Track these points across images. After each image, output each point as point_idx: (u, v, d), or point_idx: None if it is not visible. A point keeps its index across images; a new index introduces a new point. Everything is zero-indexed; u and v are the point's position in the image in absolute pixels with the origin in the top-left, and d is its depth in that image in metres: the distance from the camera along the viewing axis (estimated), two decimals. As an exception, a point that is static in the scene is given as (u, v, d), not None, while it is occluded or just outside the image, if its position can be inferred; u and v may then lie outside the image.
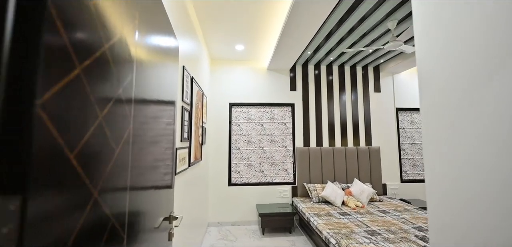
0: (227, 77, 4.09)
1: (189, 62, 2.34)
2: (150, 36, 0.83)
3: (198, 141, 2.80)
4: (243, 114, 4.08)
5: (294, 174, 4.05)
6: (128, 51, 0.64)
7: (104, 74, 0.52)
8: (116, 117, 0.57)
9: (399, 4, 2.42)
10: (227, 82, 4.08)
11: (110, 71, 0.54)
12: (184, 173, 2.12)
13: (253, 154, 4.01)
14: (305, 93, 4.18)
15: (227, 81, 4.08)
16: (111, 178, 0.56)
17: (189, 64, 2.34)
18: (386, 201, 3.68)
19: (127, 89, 0.64)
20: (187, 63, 2.23)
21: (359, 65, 4.29)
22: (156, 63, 0.92)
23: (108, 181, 0.55)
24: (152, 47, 0.87)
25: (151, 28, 0.85)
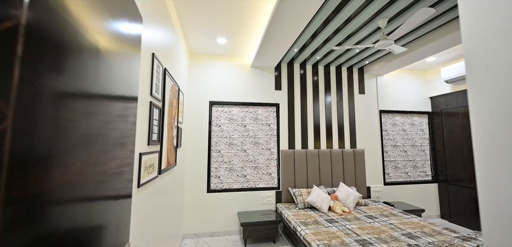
0: (207, 73, 3.74)
1: (162, 52, 1.99)
2: (103, 16, 0.52)
3: (172, 143, 2.43)
4: (224, 114, 3.76)
5: (278, 178, 3.82)
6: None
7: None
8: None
9: (389, 1, 2.30)
10: (208, 79, 3.73)
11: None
12: (152, 183, 1.76)
13: (235, 157, 3.71)
14: (291, 93, 3.99)
15: (207, 78, 3.73)
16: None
17: (162, 54, 1.98)
18: (371, 204, 3.61)
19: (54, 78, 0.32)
20: (159, 52, 1.88)
21: (345, 66, 4.21)
22: (109, 48, 0.61)
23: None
24: (105, 29, 0.56)
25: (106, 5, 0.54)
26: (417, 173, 4.41)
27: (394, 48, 2.69)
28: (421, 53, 3.32)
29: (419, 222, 2.84)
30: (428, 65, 4.29)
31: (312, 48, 3.48)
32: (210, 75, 3.75)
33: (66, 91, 0.51)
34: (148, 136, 1.62)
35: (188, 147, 3.56)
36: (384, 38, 2.49)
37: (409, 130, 4.47)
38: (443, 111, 4.28)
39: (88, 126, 0.58)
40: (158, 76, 1.85)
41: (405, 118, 4.48)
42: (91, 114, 0.59)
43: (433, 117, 4.50)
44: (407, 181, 4.30)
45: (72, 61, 0.53)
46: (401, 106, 4.41)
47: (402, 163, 4.37)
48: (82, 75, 0.58)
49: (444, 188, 4.26)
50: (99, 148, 0.66)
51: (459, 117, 3.98)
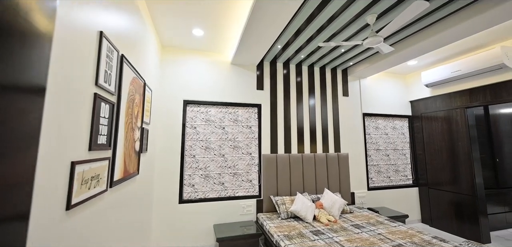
0: (182, 69, 3.35)
1: (119, 35, 1.60)
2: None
3: (133, 147, 2.02)
4: (200, 115, 3.38)
5: (259, 185, 3.52)
6: None
7: None
8: None
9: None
10: (182, 75, 3.34)
11: None
12: (97, 200, 1.36)
13: (212, 163, 3.35)
14: (273, 94, 3.73)
15: (182, 75, 3.34)
16: None
17: (119, 38, 1.60)
18: (356, 212, 3.45)
19: None
20: (112, 33, 1.49)
21: (329, 67, 4.06)
22: None
23: None
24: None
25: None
26: (399, 177, 4.38)
27: (383, 47, 2.54)
28: (405, 55, 3.26)
29: (407, 230, 2.71)
30: (408, 69, 4.30)
31: (296, 47, 3.27)
32: (185, 72, 3.36)
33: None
34: (90, 138, 1.23)
35: (158, 152, 3.12)
36: (373, 35, 2.32)
37: (391, 133, 4.45)
38: (423, 115, 4.31)
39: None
40: (110, 64, 1.46)
41: (387, 122, 4.45)
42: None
43: (413, 121, 4.53)
44: (390, 186, 4.25)
45: None
46: (383, 109, 4.37)
47: (385, 167, 4.31)
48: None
49: (424, 192, 4.26)
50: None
51: (439, 121, 4.02)
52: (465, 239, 3.57)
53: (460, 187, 3.67)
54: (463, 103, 3.66)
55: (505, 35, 2.95)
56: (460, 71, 3.46)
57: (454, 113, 3.76)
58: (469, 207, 3.54)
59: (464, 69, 3.40)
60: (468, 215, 3.55)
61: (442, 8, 2.39)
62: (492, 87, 3.29)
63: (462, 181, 3.64)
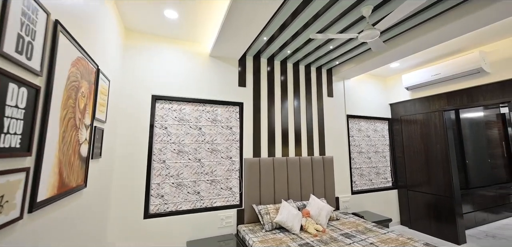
0: (151, 59, 2.84)
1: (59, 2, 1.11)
2: None
3: (77, 152, 1.51)
4: (173, 113, 2.90)
5: (241, 193, 3.14)
6: None
7: None
8: None
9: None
10: (152, 66, 2.83)
11: None
12: (2, 235, 0.87)
13: (186, 169, 2.88)
14: (257, 91, 3.39)
15: (151, 65, 2.83)
16: None
17: (57, 3, 1.11)
18: (343, 218, 3.26)
19: None
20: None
21: (314, 66, 3.86)
22: None
23: None
24: None
25: None
26: (380, 179, 4.36)
27: (376, 43, 2.37)
28: (391, 56, 3.18)
29: (397, 238, 2.56)
30: (389, 72, 4.32)
31: (282, 41, 2.99)
32: (155, 62, 2.85)
33: None
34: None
35: (118, 157, 2.56)
36: (370, 28, 2.12)
37: (373, 135, 4.42)
38: (402, 118, 4.35)
39: None
40: (30, 27, 0.98)
41: (369, 124, 4.41)
42: None
43: (392, 124, 4.56)
44: (372, 189, 4.18)
45: None
46: (365, 111, 4.32)
47: (367, 170, 4.25)
48: None
49: (403, 194, 4.29)
50: None
51: (418, 124, 4.07)
52: (444, 240, 3.61)
53: (438, 188, 3.72)
54: (441, 106, 3.74)
55: (484, 40, 3.03)
56: (439, 74, 3.51)
57: (433, 116, 3.83)
58: (447, 208, 3.60)
59: (444, 73, 3.45)
60: (446, 216, 3.60)
61: (429, 9, 2.30)
62: (469, 91, 3.38)
63: (440, 183, 3.69)
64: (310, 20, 2.51)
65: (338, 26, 2.55)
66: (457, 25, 2.36)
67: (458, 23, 2.32)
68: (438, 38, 2.61)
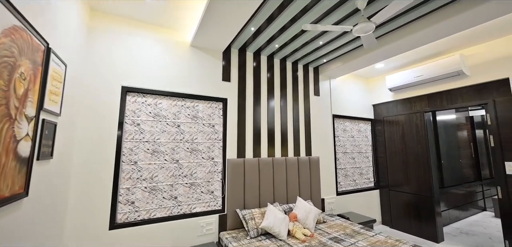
0: (121, 44, 2.47)
1: None
2: None
3: (11, 151, 1.15)
4: (147, 108, 2.56)
5: (223, 197, 2.88)
6: None
7: None
8: None
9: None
10: (122, 53, 2.46)
11: None
12: None
13: (161, 171, 2.55)
14: (242, 87, 3.16)
15: (121, 52, 2.46)
16: None
17: None
18: (329, 220, 3.16)
19: None
20: None
21: (301, 63, 3.73)
22: None
23: None
24: None
25: None
26: (363, 180, 4.36)
27: (369, 39, 2.27)
28: (378, 55, 3.15)
29: (386, 240, 2.50)
30: (373, 73, 4.34)
31: (269, 34, 2.80)
32: (127, 49, 2.49)
33: None
34: None
35: (76, 157, 2.16)
36: (365, 21, 2.01)
37: (357, 136, 4.41)
38: (385, 118, 4.41)
39: None
40: None
41: (353, 124, 4.40)
42: None
43: (375, 124, 4.61)
44: (355, 189, 4.17)
45: None
46: (349, 111, 4.29)
47: (351, 170, 4.23)
48: None
49: (385, 194, 4.34)
50: None
51: (400, 125, 4.14)
52: (425, 239, 3.68)
53: (419, 188, 3.80)
54: (422, 107, 3.82)
55: (464, 43, 3.12)
56: (422, 76, 3.57)
57: (414, 117, 3.90)
58: (427, 207, 3.67)
59: (426, 75, 3.52)
60: (426, 215, 3.68)
61: (420, 7, 2.26)
62: (448, 93, 3.48)
63: (421, 182, 3.77)
64: (300, 13, 2.35)
65: (330, 19, 2.42)
66: (445, 25, 2.36)
67: (446, 22, 2.31)
68: (427, 37, 2.61)
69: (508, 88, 2.87)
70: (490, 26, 2.71)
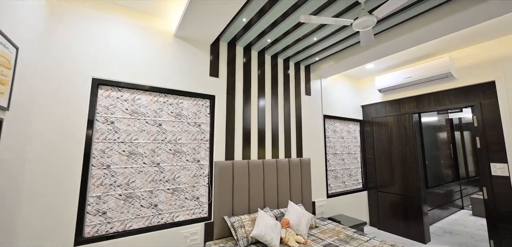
0: (92, 30, 2.14)
1: None
2: None
3: None
4: (123, 104, 2.24)
5: (210, 203, 2.63)
6: None
7: None
8: None
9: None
10: (92, 39, 2.13)
11: None
12: None
13: (140, 176, 2.25)
14: (231, 84, 2.93)
15: (91, 38, 2.13)
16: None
17: None
18: (321, 225, 3.03)
19: None
20: None
21: (293, 60, 3.58)
22: None
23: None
24: None
25: None
26: (352, 181, 4.32)
27: (368, 35, 2.16)
28: (373, 54, 3.08)
29: (381, 244, 2.41)
30: (364, 73, 4.32)
31: (260, 28, 2.61)
32: (100, 36, 2.16)
33: None
34: None
35: (32, 161, 1.81)
36: (366, 15, 1.88)
37: (346, 137, 4.36)
38: (373, 119, 4.40)
39: None
40: None
41: (343, 125, 4.34)
42: None
43: (364, 125, 4.59)
44: (345, 191, 4.10)
45: None
46: (339, 112, 4.23)
47: (341, 172, 4.16)
48: None
49: (373, 195, 4.33)
50: None
51: (388, 126, 4.14)
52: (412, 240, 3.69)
53: (407, 189, 3.81)
54: (410, 109, 3.84)
55: (453, 46, 3.14)
56: (411, 77, 3.58)
57: (403, 118, 3.92)
58: (414, 208, 3.69)
59: (415, 76, 3.53)
60: (414, 216, 3.69)
61: (418, 4, 2.20)
62: (436, 95, 3.52)
63: (409, 183, 3.78)
64: (293, 7, 2.19)
65: (328, 12, 2.28)
66: (444, 24, 2.31)
67: (445, 21, 2.27)
68: (425, 36, 2.55)
69: (494, 91, 2.93)
70: (477, 30, 2.74)
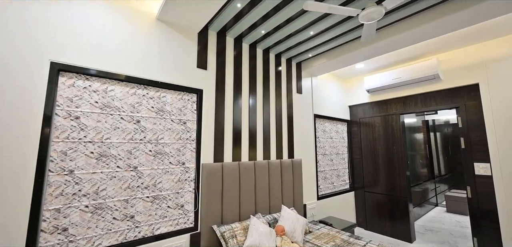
0: (50, 4, 1.72)
1: None
2: None
3: None
4: (91, 95, 1.85)
5: (196, 211, 2.33)
6: None
7: None
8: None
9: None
10: (50, 15, 1.72)
11: None
12: None
13: (112, 183, 1.88)
14: (221, 77, 2.65)
15: (50, 13, 1.71)
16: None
17: None
18: (314, 229, 2.89)
19: None
20: None
21: (284, 56, 3.40)
22: None
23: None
24: None
25: None
26: (340, 182, 4.27)
27: (371, 29, 2.04)
28: (367, 52, 3.01)
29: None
30: (353, 73, 4.29)
31: (254, 18, 2.38)
32: (60, 11, 1.75)
33: None
34: None
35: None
36: (373, 5, 1.75)
37: (335, 137, 4.30)
38: (361, 120, 4.40)
39: None
40: None
41: (332, 125, 4.28)
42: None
43: (351, 126, 4.58)
44: (334, 192, 4.03)
45: None
46: (329, 112, 4.15)
47: (330, 173, 4.09)
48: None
49: (360, 195, 4.32)
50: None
51: (376, 127, 4.16)
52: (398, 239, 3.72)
53: (393, 188, 3.84)
54: (397, 109, 3.88)
55: (439, 48, 3.21)
56: (400, 78, 3.61)
57: (390, 118, 3.95)
58: (402, 208, 3.73)
59: (404, 77, 3.56)
60: (401, 215, 3.73)
61: (417, 3, 2.15)
62: (423, 96, 3.58)
63: (396, 183, 3.82)
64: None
65: (334, 1, 2.12)
66: (449, 21, 2.27)
67: (449, 18, 2.23)
68: (425, 34, 2.51)
69: (478, 93, 3.03)
70: (463, 33, 2.81)
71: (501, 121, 2.82)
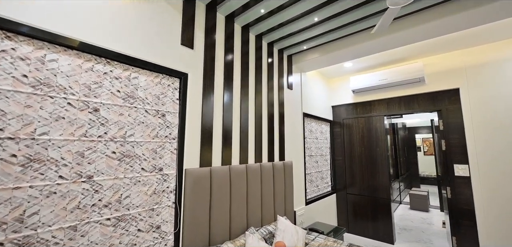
0: None
1: None
2: None
3: None
4: (17, 66, 1.17)
5: (177, 231, 1.78)
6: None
7: None
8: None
9: None
10: None
11: None
12: None
13: (48, 202, 1.23)
14: (210, 59, 2.14)
15: None
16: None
17: None
18: (309, 240, 2.58)
19: None
20: None
21: (277, 46, 3.04)
22: None
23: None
24: None
25: None
26: (323, 184, 4.12)
27: (390, 17, 1.82)
28: (363, 50, 2.87)
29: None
30: (342, 71, 4.19)
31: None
32: None
33: None
34: None
35: None
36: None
37: (320, 137, 4.14)
38: (344, 120, 4.34)
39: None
40: None
41: (318, 125, 4.10)
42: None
43: (333, 126, 4.50)
44: (318, 196, 3.84)
45: None
46: (315, 111, 3.96)
47: (315, 175, 3.89)
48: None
49: (342, 197, 4.25)
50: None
51: (359, 128, 4.13)
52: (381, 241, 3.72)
53: (377, 190, 3.84)
54: (381, 111, 3.90)
55: (424, 52, 3.27)
56: (386, 79, 3.61)
57: (374, 120, 3.95)
58: (384, 209, 3.74)
59: (390, 78, 3.57)
60: (383, 217, 3.74)
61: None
62: (406, 98, 3.65)
63: (379, 185, 3.82)
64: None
65: None
66: (464, 17, 2.20)
67: (462, 15, 2.16)
68: (435, 30, 2.42)
69: (458, 97, 3.17)
70: (446, 39, 2.89)
71: (479, 125, 2.97)
